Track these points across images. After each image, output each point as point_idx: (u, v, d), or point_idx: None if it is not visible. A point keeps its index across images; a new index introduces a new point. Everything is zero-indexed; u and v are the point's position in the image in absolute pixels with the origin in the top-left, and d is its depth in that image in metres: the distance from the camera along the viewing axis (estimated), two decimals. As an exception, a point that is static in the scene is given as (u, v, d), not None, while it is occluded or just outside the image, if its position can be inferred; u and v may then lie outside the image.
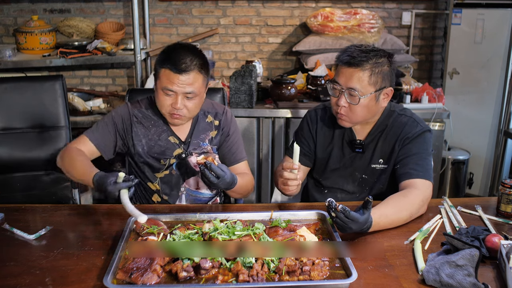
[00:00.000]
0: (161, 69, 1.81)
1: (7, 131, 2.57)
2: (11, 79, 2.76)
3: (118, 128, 1.93)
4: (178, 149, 1.96)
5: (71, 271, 1.38)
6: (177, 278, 1.30)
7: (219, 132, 2.01)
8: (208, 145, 1.99)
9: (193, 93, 1.81)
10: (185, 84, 1.78)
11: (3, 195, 2.54)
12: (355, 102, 1.78)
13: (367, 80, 1.77)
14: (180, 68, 1.76)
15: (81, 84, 4.05)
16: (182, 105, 1.81)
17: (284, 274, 1.30)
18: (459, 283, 1.26)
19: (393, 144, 1.88)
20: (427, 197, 1.74)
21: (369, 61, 1.76)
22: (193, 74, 1.79)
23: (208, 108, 2.02)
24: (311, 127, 2.02)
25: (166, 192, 1.98)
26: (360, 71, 1.76)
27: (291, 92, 3.28)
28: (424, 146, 1.84)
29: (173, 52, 1.80)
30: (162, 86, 1.80)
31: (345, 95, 1.79)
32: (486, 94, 3.67)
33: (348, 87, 1.78)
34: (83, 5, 3.90)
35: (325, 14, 3.67)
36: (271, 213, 1.67)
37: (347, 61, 1.78)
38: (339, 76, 1.81)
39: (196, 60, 1.80)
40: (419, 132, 1.85)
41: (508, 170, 3.66)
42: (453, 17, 3.70)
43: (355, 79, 1.77)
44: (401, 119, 1.89)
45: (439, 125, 3.26)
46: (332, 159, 1.96)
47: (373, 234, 1.60)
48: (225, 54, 4.03)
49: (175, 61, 1.77)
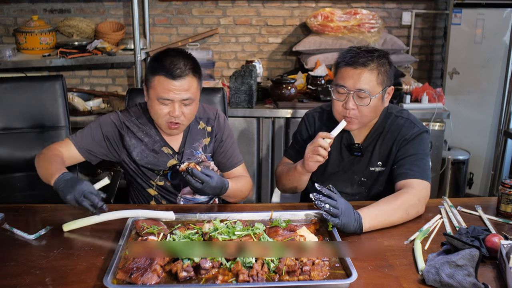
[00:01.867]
0: (154, 77, 1.74)
1: (7, 131, 2.56)
2: (11, 79, 2.75)
3: (107, 136, 1.87)
4: (172, 159, 1.91)
5: (71, 271, 1.38)
6: (177, 278, 1.30)
7: (212, 139, 1.96)
8: (202, 154, 1.94)
9: (190, 99, 1.76)
10: (181, 91, 1.73)
11: (3, 195, 2.54)
12: (365, 103, 1.76)
13: (375, 80, 1.75)
14: (175, 74, 1.70)
15: (81, 84, 4.05)
16: (180, 113, 1.76)
17: (284, 274, 1.30)
18: (459, 283, 1.26)
19: (391, 146, 1.87)
20: (424, 197, 1.73)
21: (374, 61, 1.75)
22: (188, 79, 1.73)
23: (199, 113, 1.95)
24: (309, 129, 2.01)
25: (163, 200, 1.96)
26: (367, 71, 1.74)
27: (291, 92, 3.28)
28: (421, 147, 1.84)
29: (165, 58, 1.74)
30: (158, 95, 1.74)
31: (353, 97, 1.76)
32: (486, 94, 3.67)
33: (357, 88, 1.75)
34: (83, 5, 3.90)
35: (325, 14, 3.67)
36: (271, 213, 1.68)
37: (353, 63, 1.75)
38: (344, 79, 1.77)
39: (189, 63, 1.75)
40: (416, 134, 1.84)
41: (508, 170, 3.66)
42: (453, 17, 3.70)
43: (364, 80, 1.74)
44: (398, 121, 1.89)
45: (439, 125, 3.26)
46: (331, 163, 1.95)
47: (373, 234, 1.60)
48: (225, 54, 4.03)
49: (169, 67, 1.71)
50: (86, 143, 1.86)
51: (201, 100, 2.30)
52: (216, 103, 2.34)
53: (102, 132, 1.87)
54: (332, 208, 1.51)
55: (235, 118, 3.22)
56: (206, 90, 2.51)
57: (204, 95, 2.35)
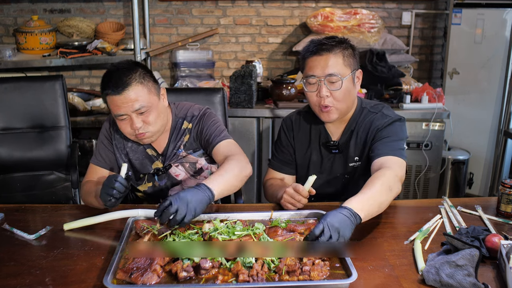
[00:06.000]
0: (105, 98, 1.75)
1: (7, 131, 2.57)
2: (11, 79, 2.75)
3: (108, 145, 1.93)
4: (156, 161, 1.92)
5: (71, 271, 1.38)
6: (177, 278, 1.30)
7: (191, 135, 1.93)
8: (183, 151, 1.93)
9: (143, 107, 1.74)
10: (129, 102, 1.71)
11: (3, 195, 2.54)
12: (337, 87, 1.78)
13: (342, 62, 1.78)
14: (118, 87, 1.70)
15: (81, 84, 4.05)
16: (140, 123, 1.75)
17: (284, 274, 1.30)
18: (459, 283, 1.26)
19: (365, 139, 1.87)
20: (400, 174, 1.70)
21: (337, 45, 1.79)
22: (132, 89, 1.71)
23: (185, 113, 1.94)
24: (288, 135, 2.00)
25: (154, 201, 1.96)
26: (333, 56, 1.78)
27: (291, 92, 3.28)
28: (393, 130, 1.82)
29: (108, 76, 1.74)
30: (114, 114, 1.76)
31: (325, 83, 1.78)
32: (486, 94, 3.67)
33: (326, 74, 1.77)
34: (83, 5, 3.90)
35: (325, 14, 3.68)
36: (271, 213, 1.67)
37: (317, 50, 1.79)
38: (312, 68, 1.80)
39: (132, 73, 1.73)
40: (388, 122, 1.84)
41: (508, 170, 3.66)
42: (453, 17, 3.70)
43: (331, 64, 1.77)
44: (371, 115, 1.88)
45: (439, 125, 3.26)
46: (312, 164, 1.95)
47: (373, 234, 1.60)
48: (225, 54, 4.03)
49: (112, 84, 1.71)
50: (103, 158, 1.92)
51: (201, 100, 2.30)
52: (216, 103, 2.34)
53: (103, 142, 1.94)
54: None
55: (235, 118, 3.23)
56: (206, 90, 2.51)
57: (204, 95, 2.36)
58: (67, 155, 2.62)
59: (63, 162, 2.63)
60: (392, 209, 1.80)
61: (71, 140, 2.66)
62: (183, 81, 3.70)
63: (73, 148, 2.65)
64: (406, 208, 1.85)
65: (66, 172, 2.67)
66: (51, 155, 2.59)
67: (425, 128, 3.25)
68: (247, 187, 3.26)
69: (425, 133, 3.25)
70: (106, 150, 1.93)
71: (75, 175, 2.61)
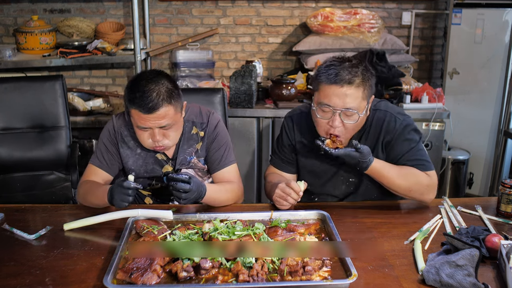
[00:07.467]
0: (130, 109, 1.75)
1: (7, 131, 2.57)
2: (11, 79, 2.75)
3: (110, 146, 1.92)
4: (166, 165, 1.93)
5: (71, 271, 1.38)
6: (177, 278, 1.30)
7: (204, 143, 1.94)
8: (195, 158, 1.94)
9: (168, 125, 1.76)
10: (157, 120, 1.73)
11: (3, 195, 2.54)
12: (353, 120, 1.69)
13: (361, 96, 1.67)
14: (148, 108, 1.69)
15: (81, 84, 4.05)
16: (161, 137, 1.77)
17: (286, 275, 1.30)
18: (459, 283, 1.26)
19: (375, 141, 1.82)
20: (434, 184, 1.76)
21: (360, 76, 1.66)
22: (162, 109, 1.71)
23: (195, 117, 1.95)
24: (290, 136, 1.95)
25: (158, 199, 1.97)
26: (354, 89, 1.65)
27: (291, 92, 3.28)
28: (410, 136, 1.79)
29: (137, 90, 1.71)
30: (136, 124, 1.76)
31: (340, 115, 1.68)
32: (486, 94, 3.67)
33: (344, 108, 1.66)
34: (83, 5, 3.90)
35: (325, 14, 3.67)
36: (271, 213, 1.68)
37: (337, 80, 1.64)
38: (329, 97, 1.66)
39: (162, 92, 1.71)
40: (400, 128, 1.79)
41: (508, 170, 3.66)
42: (453, 17, 3.70)
43: (350, 98, 1.65)
44: (378, 115, 1.82)
45: (439, 125, 3.26)
46: (315, 167, 1.91)
47: (373, 234, 1.60)
48: (225, 54, 4.03)
49: (142, 102, 1.69)
50: (105, 161, 1.91)
51: (201, 100, 2.30)
52: (216, 103, 2.34)
53: (105, 144, 1.92)
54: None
55: (235, 118, 3.22)
56: (206, 90, 2.51)
57: (204, 95, 2.36)
58: (67, 155, 2.62)
59: (63, 162, 2.63)
60: (392, 209, 1.81)
61: (71, 140, 2.66)
62: (183, 81, 3.70)
63: (73, 148, 2.65)
64: (406, 208, 1.85)
65: (66, 172, 2.67)
66: (51, 155, 2.59)
67: (425, 128, 3.25)
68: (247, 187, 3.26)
69: (425, 133, 3.25)
70: (108, 153, 1.91)
71: (75, 175, 2.61)
